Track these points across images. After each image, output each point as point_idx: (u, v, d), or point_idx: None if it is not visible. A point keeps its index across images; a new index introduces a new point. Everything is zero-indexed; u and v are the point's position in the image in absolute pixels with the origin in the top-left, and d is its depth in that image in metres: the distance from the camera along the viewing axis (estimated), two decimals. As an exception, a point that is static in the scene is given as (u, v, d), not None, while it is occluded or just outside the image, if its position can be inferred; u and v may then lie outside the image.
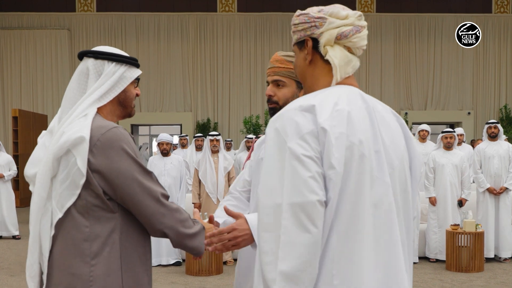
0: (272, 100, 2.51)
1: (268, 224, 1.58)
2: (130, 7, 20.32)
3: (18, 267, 7.97)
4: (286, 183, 1.56)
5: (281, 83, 2.50)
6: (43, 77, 19.83)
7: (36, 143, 2.28)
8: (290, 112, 1.64)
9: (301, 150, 1.57)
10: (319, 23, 1.77)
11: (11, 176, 10.46)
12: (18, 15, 20.06)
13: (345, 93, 1.71)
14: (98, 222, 2.05)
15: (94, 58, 2.19)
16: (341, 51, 1.76)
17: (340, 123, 1.61)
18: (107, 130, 2.05)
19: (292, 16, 1.93)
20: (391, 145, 1.72)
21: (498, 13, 20.89)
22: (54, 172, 2.09)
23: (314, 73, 1.81)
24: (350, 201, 1.60)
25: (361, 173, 1.61)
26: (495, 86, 21.00)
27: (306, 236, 1.53)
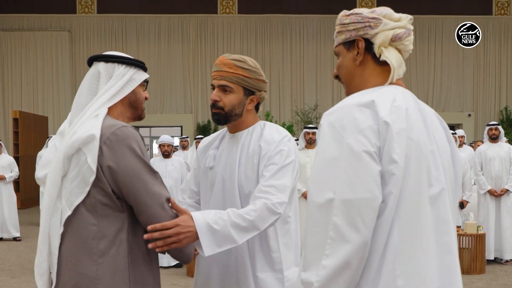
0: (217, 105, 2.42)
1: (318, 219, 1.54)
2: (130, 9, 20.33)
3: (19, 268, 7.96)
4: (341, 179, 1.53)
5: (229, 89, 2.41)
6: (43, 79, 19.83)
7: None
8: (347, 108, 1.60)
9: (360, 145, 1.53)
10: (374, 24, 1.73)
11: (13, 177, 10.47)
12: (19, 17, 20.07)
13: (400, 92, 1.70)
14: (106, 221, 2.07)
15: (104, 62, 2.25)
16: (395, 53, 1.74)
17: (399, 119, 1.59)
18: (116, 128, 2.08)
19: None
20: (441, 147, 1.71)
21: (498, 15, 20.90)
22: (64, 171, 2.12)
23: (363, 74, 1.78)
24: (410, 199, 1.57)
25: (420, 171, 1.59)
26: (495, 87, 21.00)
27: (356, 235, 1.50)
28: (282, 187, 2.27)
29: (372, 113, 1.58)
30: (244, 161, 2.41)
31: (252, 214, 2.19)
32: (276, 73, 20.51)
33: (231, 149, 2.48)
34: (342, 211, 1.50)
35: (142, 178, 2.06)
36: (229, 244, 2.15)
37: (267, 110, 19.74)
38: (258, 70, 2.44)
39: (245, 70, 2.40)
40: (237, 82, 2.40)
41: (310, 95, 20.47)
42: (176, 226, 2.08)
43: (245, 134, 2.47)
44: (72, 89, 20.00)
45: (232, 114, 2.42)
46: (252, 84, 2.42)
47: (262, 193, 2.25)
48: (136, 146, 2.09)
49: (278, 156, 2.33)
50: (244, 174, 2.39)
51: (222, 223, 2.14)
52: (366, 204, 1.50)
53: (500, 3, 20.91)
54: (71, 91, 19.96)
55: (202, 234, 2.11)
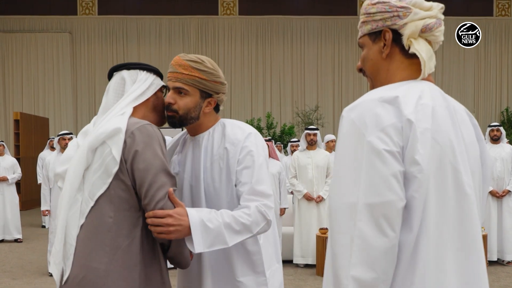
0: (171, 108, 2.33)
1: (342, 225, 1.45)
2: (131, 11, 20.34)
3: (20, 270, 7.96)
4: (363, 181, 1.43)
5: (184, 91, 2.31)
6: (44, 80, 19.84)
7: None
8: (369, 103, 1.50)
9: (382, 144, 1.43)
10: (402, 13, 1.61)
11: (15, 179, 10.47)
12: (20, 18, 20.08)
13: (427, 89, 1.59)
14: (122, 215, 2.10)
15: (127, 69, 2.36)
16: (426, 45, 1.61)
17: (424, 117, 1.48)
18: (141, 125, 2.16)
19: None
20: (470, 147, 1.60)
21: (499, 16, 20.90)
22: (88, 163, 2.17)
23: (390, 67, 1.66)
24: (435, 204, 1.47)
25: (444, 176, 1.48)
26: (496, 89, 20.99)
27: (383, 240, 1.40)
28: (265, 192, 2.24)
29: (395, 110, 1.48)
30: (210, 165, 2.34)
31: (245, 217, 2.16)
32: (276, 74, 20.51)
33: (194, 153, 2.41)
34: (367, 216, 1.41)
35: (157, 175, 2.08)
36: (220, 244, 2.12)
37: (268, 111, 19.76)
38: (215, 71, 2.33)
39: (201, 72, 2.30)
40: (193, 85, 2.30)
41: (311, 96, 20.46)
42: (167, 216, 2.05)
43: (206, 136, 2.40)
44: (73, 90, 20.01)
45: (187, 117, 2.34)
46: (208, 86, 2.32)
47: (248, 201, 2.21)
48: (158, 146, 2.13)
49: (249, 158, 2.27)
50: (210, 179, 2.33)
51: (216, 223, 2.11)
52: (391, 207, 1.41)
53: (501, 4, 20.91)
54: (72, 93, 19.97)
55: (195, 230, 2.07)
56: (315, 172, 7.98)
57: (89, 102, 20.19)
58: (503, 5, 20.92)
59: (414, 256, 1.45)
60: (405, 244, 1.45)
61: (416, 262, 1.45)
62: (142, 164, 2.08)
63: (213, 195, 2.32)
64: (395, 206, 1.41)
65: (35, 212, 15.19)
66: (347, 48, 20.60)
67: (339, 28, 20.54)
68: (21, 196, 14.80)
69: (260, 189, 2.23)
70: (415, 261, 1.45)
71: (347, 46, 20.59)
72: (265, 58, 20.47)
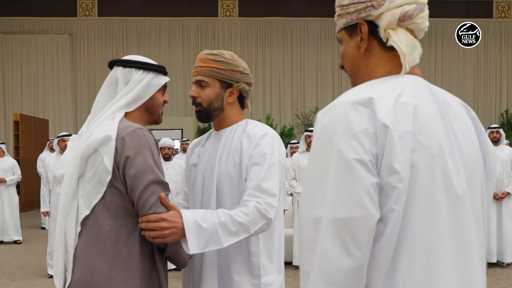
0: (196, 101, 2.41)
1: (308, 241, 1.31)
2: (131, 12, 20.34)
3: (19, 271, 7.95)
4: (329, 193, 1.29)
5: (204, 84, 2.38)
6: (44, 82, 19.83)
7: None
8: (342, 106, 1.34)
9: (352, 153, 1.28)
10: (377, 3, 1.44)
11: (14, 180, 10.42)
12: (20, 20, 20.08)
13: (410, 84, 1.42)
14: (120, 222, 2.10)
15: (122, 67, 2.30)
16: (406, 35, 1.45)
17: (404, 119, 1.32)
18: (132, 130, 2.12)
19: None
20: (465, 144, 1.43)
21: (499, 18, 20.91)
22: (81, 171, 2.16)
23: (369, 62, 1.50)
24: (421, 216, 1.31)
25: (433, 180, 1.33)
26: (496, 91, 21.00)
27: (347, 260, 1.26)
28: (271, 191, 2.21)
29: (369, 113, 1.32)
30: (225, 158, 2.35)
31: (243, 216, 2.14)
32: (276, 76, 20.51)
33: (214, 146, 2.44)
34: (331, 232, 1.27)
35: (147, 180, 2.07)
36: (215, 245, 2.10)
37: (268, 113, 19.76)
38: (233, 61, 2.38)
39: (218, 62, 2.36)
40: (211, 75, 2.36)
41: (310, 98, 20.46)
42: (160, 220, 2.04)
43: (228, 131, 2.43)
44: (72, 92, 20.01)
45: (211, 109, 2.39)
46: (226, 75, 2.37)
47: (251, 197, 2.19)
48: (148, 151, 2.11)
49: (261, 155, 2.26)
50: (224, 171, 2.32)
51: (211, 223, 2.10)
52: (359, 224, 1.26)
53: (500, 6, 20.92)
54: (72, 94, 19.97)
55: (190, 231, 2.07)
56: (315, 174, 7.98)
57: (88, 104, 20.17)
58: (503, 7, 20.93)
59: (391, 273, 1.31)
60: (378, 266, 1.31)
61: (395, 278, 1.31)
62: (133, 170, 2.06)
63: (224, 189, 2.31)
64: (364, 223, 1.26)
65: (35, 213, 15.18)
66: (347, 50, 20.59)
67: (339, 30, 20.53)
68: (21, 198, 14.79)
69: (265, 186, 2.20)
70: (392, 278, 1.31)
71: (347, 48, 20.58)
72: (265, 60, 20.48)
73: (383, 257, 1.30)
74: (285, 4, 20.47)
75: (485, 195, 1.49)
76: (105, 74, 19.83)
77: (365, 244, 1.27)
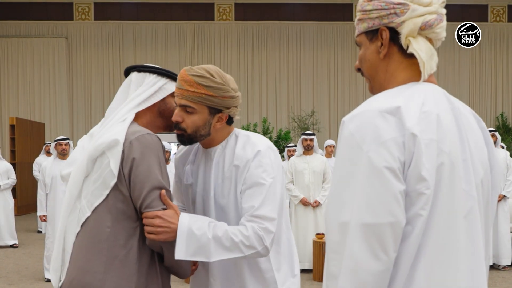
0: (179, 127, 2.20)
1: (335, 244, 1.36)
2: (127, 16, 20.35)
3: (16, 275, 7.94)
4: (358, 199, 1.32)
5: (190, 110, 2.17)
6: (40, 85, 19.81)
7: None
8: (369, 114, 1.38)
9: (382, 161, 1.32)
10: (400, 10, 1.48)
11: (9, 185, 10.35)
12: (16, 23, 20.06)
13: (430, 92, 1.47)
14: (120, 225, 2.10)
15: (137, 72, 2.33)
16: (425, 43, 1.49)
17: (428, 127, 1.37)
18: (140, 134, 2.12)
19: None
20: (476, 152, 1.48)
21: (494, 22, 21.00)
22: (87, 172, 2.17)
23: (388, 68, 1.54)
24: (442, 220, 1.37)
25: (452, 186, 1.38)
26: (491, 94, 21.07)
27: (375, 264, 1.31)
28: (268, 216, 2.12)
29: (397, 122, 1.36)
30: (221, 182, 2.26)
31: (240, 237, 2.08)
32: (272, 79, 20.54)
33: (206, 166, 2.33)
34: (359, 237, 1.31)
35: (150, 188, 2.07)
36: (203, 256, 2.06)
37: (264, 116, 19.77)
38: (223, 85, 2.18)
39: (208, 88, 2.14)
40: (200, 102, 2.15)
41: (307, 102, 20.49)
42: (156, 217, 2.04)
43: (218, 151, 2.30)
44: (69, 95, 19.99)
45: (196, 135, 2.22)
46: (217, 103, 2.18)
47: (250, 223, 2.12)
48: (155, 157, 2.10)
49: (254, 178, 2.16)
50: (220, 195, 2.26)
51: (205, 235, 2.05)
52: (387, 229, 1.31)
53: (495, 10, 21.01)
54: (68, 98, 19.95)
55: (181, 236, 2.04)
56: (312, 177, 8.00)
57: (85, 107, 20.17)
58: (498, 10, 21.02)
59: (411, 272, 1.37)
60: (401, 264, 1.36)
61: (414, 278, 1.37)
62: (138, 174, 2.06)
63: (223, 211, 2.26)
64: (392, 229, 1.31)
65: (31, 217, 15.15)
66: (343, 53, 20.65)
67: (335, 33, 20.60)
68: (17, 201, 14.77)
69: (260, 213, 2.12)
70: (412, 277, 1.37)
71: (343, 52, 20.65)
72: (261, 64, 20.50)
73: (407, 257, 1.35)
74: (281, 8, 20.51)
75: (490, 202, 1.55)
76: (101, 78, 19.84)
77: (392, 248, 1.32)
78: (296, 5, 20.52)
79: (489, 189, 1.53)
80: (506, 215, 8.12)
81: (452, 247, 1.38)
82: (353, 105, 20.57)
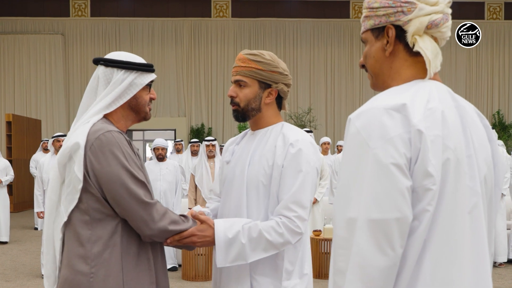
0: (234, 101, 2.40)
1: (342, 240, 1.38)
2: (124, 13, 20.32)
3: (13, 272, 7.93)
4: (365, 195, 1.34)
5: (243, 83, 2.37)
6: (37, 82, 19.77)
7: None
8: (375, 111, 1.39)
9: (388, 157, 1.33)
10: (407, 9, 1.49)
11: (9, 181, 10.45)
12: (12, 20, 20.00)
13: (435, 89, 1.49)
14: (99, 225, 2.10)
15: (104, 66, 2.24)
16: (431, 42, 1.51)
17: (434, 124, 1.39)
18: (101, 133, 2.10)
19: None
20: (480, 149, 1.50)
21: (490, 19, 21.03)
22: (62, 178, 2.17)
23: (393, 65, 1.56)
24: (447, 216, 1.39)
25: (457, 182, 1.40)
26: (487, 91, 21.12)
27: (382, 259, 1.32)
28: (303, 204, 2.23)
29: (403, 119, 1.37)
30: (258, 159, 2.35)
31: (274, 235, 2.19)
32: (269, 76, 20.51)
33: (247, 145, 2.44)
34: (366, 233, 1.33)
35: (124, 184, 2.08)
36: (241, 260, 2.21)
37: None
38: (273, 62, 2.37)
39: (258, 63, 2.35)
40: (251, 76, 2.36)
41: (303, 99, 20.50)
42: (191, 236, 2.21)
43: (263, 132, 2.42)
44: (65, 92, 19.95)
45: (248, 109, 2.38)
46: (266, 76, 2.36)
47: (285, 209, 2.21)
48: (119, 152, 2.09)
49: (296, 166, 2.25)
50: (254, 173, 2.33)
51: (240, 240, 2.19)
52: (394, 225, 1.32)
53: (492, 7, 21.04)
54: (65, 95, 19.92)
55: (219, 247, 2.20)
56: (309, 174, 7.99)
57: (81, 104, 20.13)
58: (494, 8, 21.05)
59: (417, 267, 1.39)
60: (410, 254, 1.38)
61: (420, 272, 1.39)
62: (106, 176, 2.07)
63: (254, 190, 2.32)
64: (399, 224, 1.33)
65: (27, 214, 15.12)
66: (340, 50, 20.66)
67: (331, 30, 20.60)
68: (13, 198, 14.75)
69: (298, 199, 2.22)
70: (418, 272, 1.39)
71: (340, 49, 20.66)
72: (258, 61, 20.48)
73: (413, 252, 1.37)
74: (278, 5, 20.51)
75: (493, 199, 1.57)
76: (98, 75, 19.79)
77: (398, 244, 1.34)
78: (293, 2, 20.52)
79: (492, 185, 1.55)
80: (503, 212, 8.15)
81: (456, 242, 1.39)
82: (350, 102, 20.59)
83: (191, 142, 10.74)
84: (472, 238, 1.42)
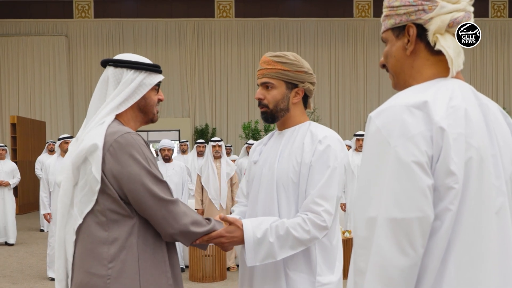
0: (262, 103, 2.46)
1: (362, 239, 1.36)
2: (127, 14, 20.32)
3: (20, 274, 7.93)
4: (386, 194, 1.31)
5: (270, 85, 2.42)
6: (41, 84, 19.80)
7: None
8: (396, 109, 1.37)
9: (410, 155, 1.30)
10: (428, 7, 1.47)
11: (16, 183, 10.51)
12: (16, 22, 20.03)
13: (457, 87, 1.46)
14: (116, 226, 2.10)
15: (114, 67, 2.26)
16: (453, 41, 1.48)
17: (457, 122, 1.36)
18: (119, 135, 2.10)
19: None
20: (505, 148, 1.47)
21: (494, 17, 20.98)
22: (75, 180, 2.16)
23: (414, 64, 1.53)
24: (471, 216, 1.35)
25: (481, 180, 1.36)
26: (492, 89, 21.07)
27: (403, 259, 1.30)
28: (330, 198, 2.25)
29: (424, 116, 1.34)
30: (287, 156, 2.38)
31: (301, 232, 2.22)
32: (273, 76, 20.50)
33: (276, 144, 2.48)
34: (387, 232, 1.30)
35: (144, 184, 2.08)
36: (271, 259, 2.24)
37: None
38: (297, 62, 2.42)
39: (284, 64, 2.40)
40: (277, 77, 2.40)
41: (307, 98, 20.46)
42: (220, 237, 2.25)
43: (291, 131, 2.46)
44: (69, 94, 19.98)
45: (277, 109, 2.43)
46: (292, 76, 2.41)
47: (312, 204, 2.24)
48: (138, 153, 2.10)
49: (324, 162, 2.29)
50: (284, 170, 2.36)
51: (268, 239, 2.22)
52: (415, 224, 1.29)
53: (496, 5, 20.99)
54: (69, 96, 19.94)
55: (249, 247, 2.23)
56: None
57: (85, 106, 20.12)
58: (499, 6, 21.00)
59: (441, 269, 1.35)
60: (430, 260, 1.35)
61: (444, 275, 1.35)
62: (127, 177, 2.07)
63: (285, 186, 2.35)
64: (420, 224, 1.30)
65: (33, 215, 15.12)
66: (344, 50, 20.64)
67: (335, 30, 20.58)
68: (18, 200, 14.76)
69: (325, 194, 2.25)
70: (442, 274, 1.35)
71: (344, 48, 20.63)
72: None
73: (436, 253, 1.34)
74: (282, 5, 20.49)
75: None
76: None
77: (419, 244, 1.30)
78: (296, 1, 20.50)
79: None
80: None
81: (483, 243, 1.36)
82: (354, 102, 20.56)
83: (197, 143, 10.73)
84: (499, 239, 1.38)
